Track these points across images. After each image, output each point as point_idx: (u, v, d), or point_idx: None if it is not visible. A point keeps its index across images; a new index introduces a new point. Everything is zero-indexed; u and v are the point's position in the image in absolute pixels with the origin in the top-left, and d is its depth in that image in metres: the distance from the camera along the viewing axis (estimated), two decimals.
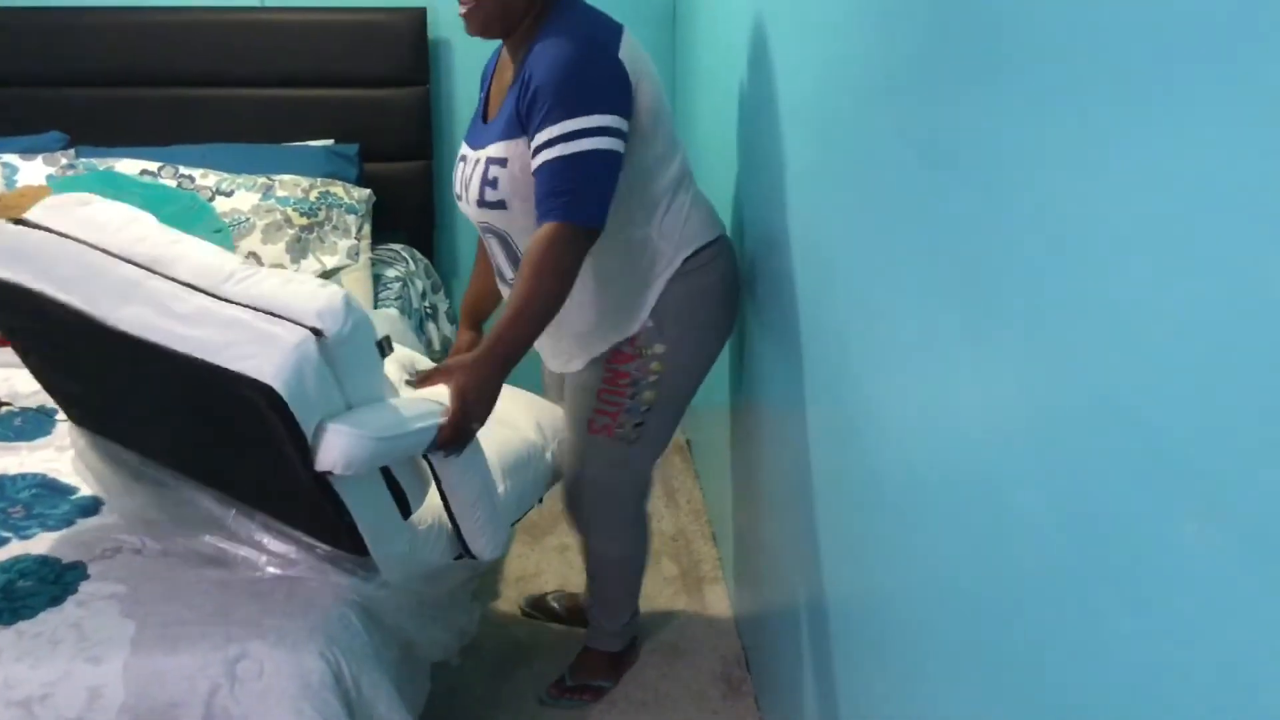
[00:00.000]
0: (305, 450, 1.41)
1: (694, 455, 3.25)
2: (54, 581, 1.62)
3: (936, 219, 1.06)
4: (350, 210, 2.93)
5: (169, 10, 3.08)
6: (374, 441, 1.44)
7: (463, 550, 1.77)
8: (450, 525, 1.74)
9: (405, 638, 1.75)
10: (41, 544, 1.71)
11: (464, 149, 1.88)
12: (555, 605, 2.53)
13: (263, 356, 1.36)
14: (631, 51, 1.72)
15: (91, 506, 1.82)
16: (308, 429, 1.40)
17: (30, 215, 1.60)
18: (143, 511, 1.73)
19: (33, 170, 2.84)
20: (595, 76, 1.66)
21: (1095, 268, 0.75)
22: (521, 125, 1.70)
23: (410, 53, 3.11)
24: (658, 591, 2.62)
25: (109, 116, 3.08)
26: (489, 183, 1.77)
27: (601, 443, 1.96)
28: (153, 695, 1.48)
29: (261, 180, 2.89)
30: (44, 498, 1.86)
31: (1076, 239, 0.78)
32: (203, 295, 1.45)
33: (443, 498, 1.69)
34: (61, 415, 2.13)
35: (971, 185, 0.97)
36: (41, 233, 1.56)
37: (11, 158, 2.87)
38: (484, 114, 1.88)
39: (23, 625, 1.53)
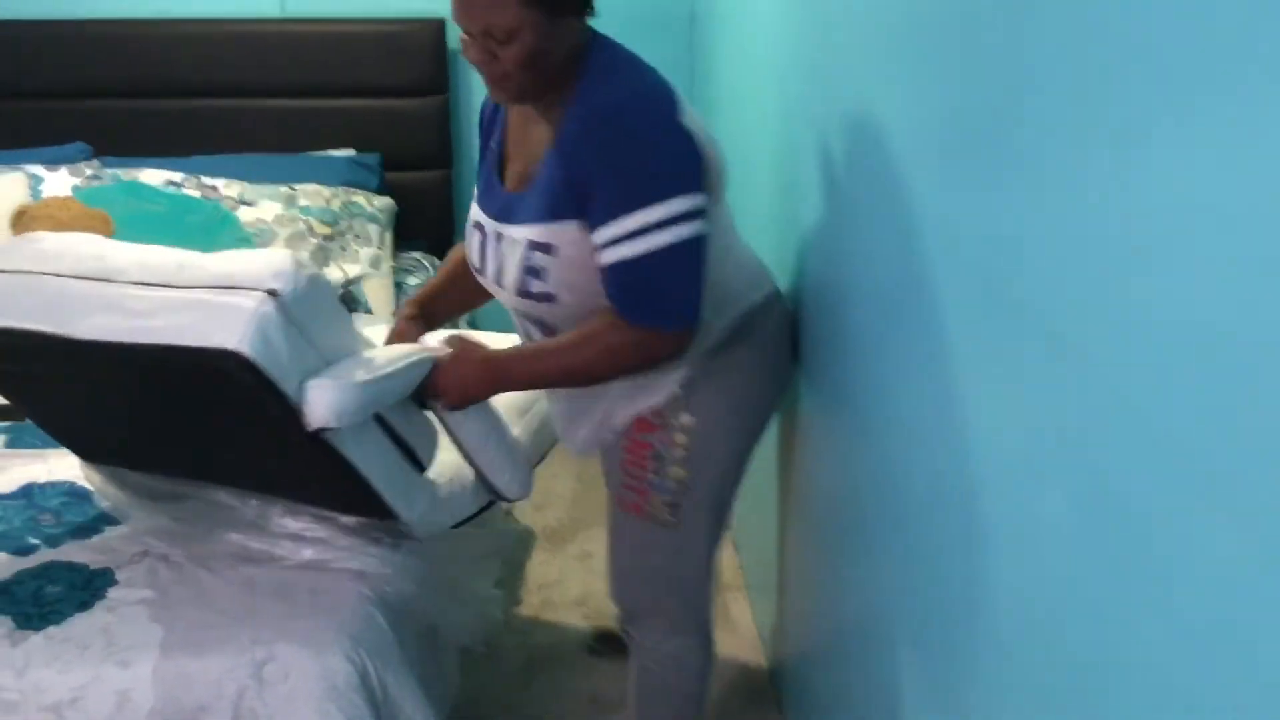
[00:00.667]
0: (294, 414, 1.42)
1: None
2: (83, 587, 1.64)
3: (961, 229, 1.07)
4: (372, 219, 2.95)
5: (191, 22, 3.11)
6: (358, 387, 1.44)
7: (490, 493, 1.77)
8: (472, 471, 1.74)
9: (429, 621, 1.76)
10: (70, 550, 1.73)
11: (478, 215, 1.63)
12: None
13: (225, 328, 1.37)
14: (690, 111, 1.47)
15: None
16: (289, 390, 1.41)
17: None
18: (167, 527, 1.76)
19: (58, 181, 2.87)
20: (666, 155, 1.44)
21: (1122, 275, 0.75)
22: (575, 207, 1.46)
23: (429, 62, 3.13)
24: None
25: (132, 127, 3.11)
26: (532, 272, 1.53)
27: (635, 523, 1.72)
28: (180, 699, 1.50)
29: (284, 190, 2.91)
30: (72, 505, 1.87)
31: (1106, 252, 0.78)
32: (158, 289, 1.46)
33: (455, 443, 1.69)
34: None
35: (1011, 199, 0.98)
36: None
37: (37, 169, 2.90)
38: (500, 172, 1.62)
39: (52, 630, 1.55)
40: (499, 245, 1.57)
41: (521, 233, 1.53)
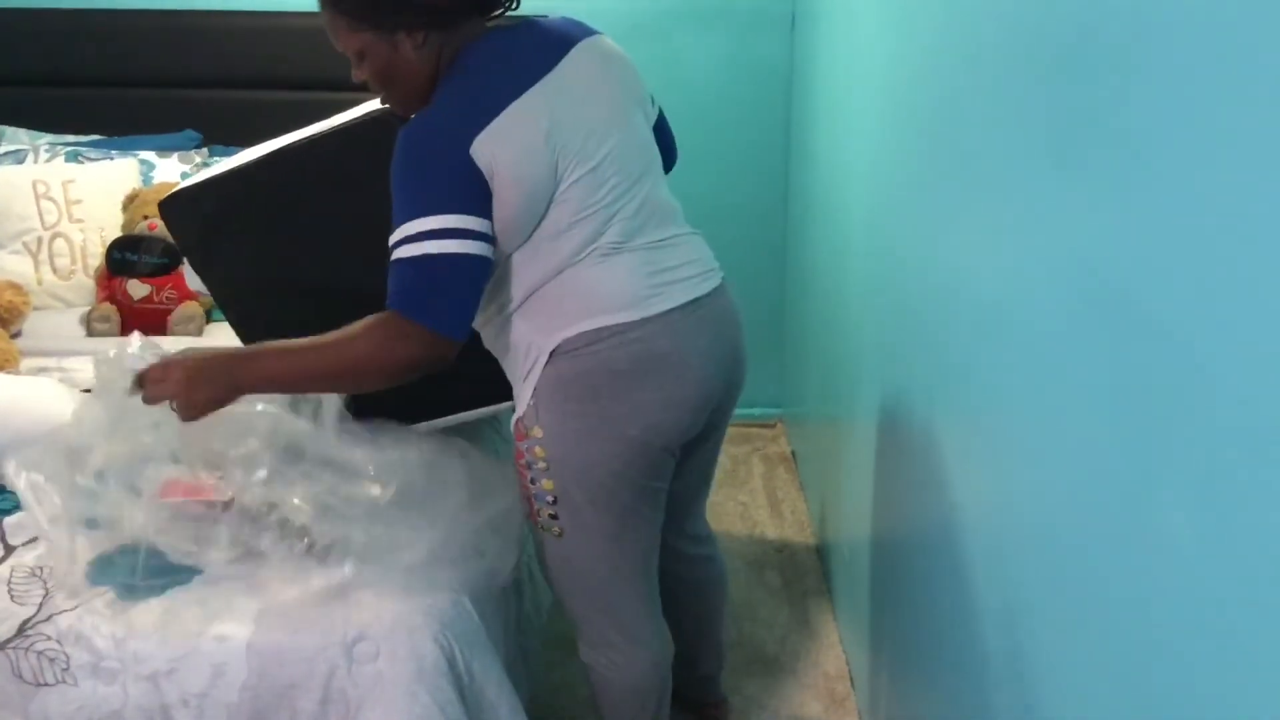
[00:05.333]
0: None
1: (799, 466, 3.23)
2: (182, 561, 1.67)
3: (1074, 236, 1.04)
4: None
5: (300, 15, 3.17)
6: None
7: None
8: None
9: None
10: None
11: None
12: None
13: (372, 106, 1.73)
14: (503, 134, 1.48)
15: None
16: None
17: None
18: None
19: (169, 167, 2.95)
20: (433, 179, 1.47)
21: (1241, 282, 0.73)
22: None
23: None
24: (760, 602, 2.60)
25: (240, 117, 3.18)
26: None
27: (537, 532, 1.71)
28: (273, 674, 1.53)
29: None
30: None
31: (1234, 260, 0.76)
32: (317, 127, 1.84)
33: None
34: None
35: (1101, 181, 0.95)
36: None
37: (149, 155, 2.99)
38: None
39: (152, 602, 1.59)
40: None
41: None
